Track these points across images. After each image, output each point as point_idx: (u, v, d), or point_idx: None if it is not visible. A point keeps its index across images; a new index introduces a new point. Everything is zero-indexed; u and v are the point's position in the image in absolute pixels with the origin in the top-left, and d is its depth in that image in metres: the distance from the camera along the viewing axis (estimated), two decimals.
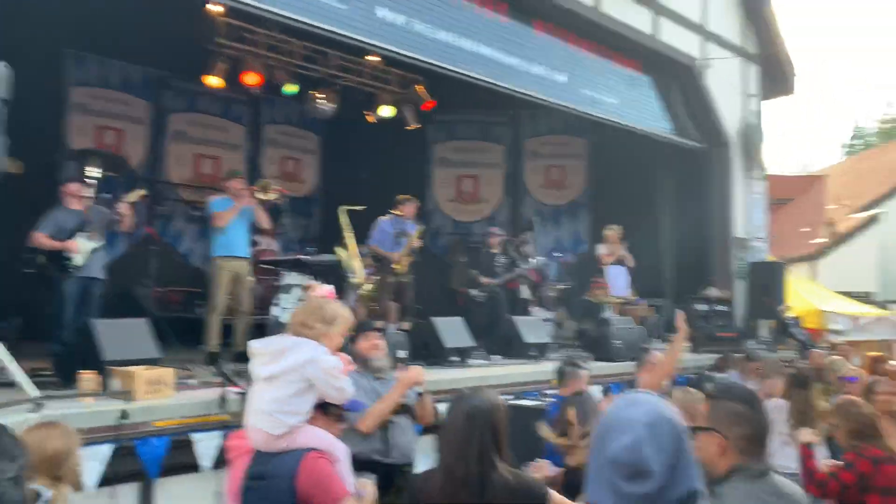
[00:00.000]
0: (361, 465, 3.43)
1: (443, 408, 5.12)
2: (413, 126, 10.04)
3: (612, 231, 9.16)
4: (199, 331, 6.25)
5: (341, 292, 6.31)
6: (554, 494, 2.20)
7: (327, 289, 4.61)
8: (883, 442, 3.41)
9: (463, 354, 6.61)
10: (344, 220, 6.55)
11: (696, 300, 9.37)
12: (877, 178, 19.86)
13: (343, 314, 2.57)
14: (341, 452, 2.32)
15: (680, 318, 4.04)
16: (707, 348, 8.42)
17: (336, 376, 2.38)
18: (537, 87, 8.15)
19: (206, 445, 4.00)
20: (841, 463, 3.52)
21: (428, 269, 10.01)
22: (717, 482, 1.97)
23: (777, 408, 5.34)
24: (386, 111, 9.85)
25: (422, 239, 7.07)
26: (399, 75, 9.65)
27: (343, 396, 2.43)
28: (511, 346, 7.49)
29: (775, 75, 11.99)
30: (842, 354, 7.93)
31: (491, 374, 6.17)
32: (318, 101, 9.34)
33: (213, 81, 8.52)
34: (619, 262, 9.04)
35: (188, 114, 10.36)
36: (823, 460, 3.90)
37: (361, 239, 6.91)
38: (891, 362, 8.95)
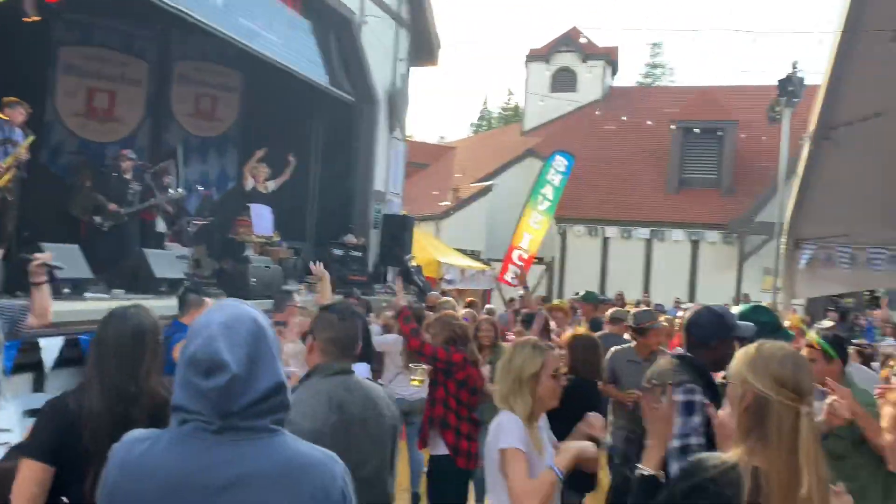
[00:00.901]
0: None
1: (47, 342, 4.57)
2: (32, 19, 8.44)
3: (258, 171, 9.12)
4: None
5: None
6: None
7: None
8: (471, 347, 4.35)
9: (78, 286, 5.93)
10: None
11: (335, 245, 9.84)
12: (494, 155, 23.22)
13: None
14: None
15: (316, 268, 4.45)
16: (340, 291, 8.92)
17: None
18: (189, 3, 7.52)
19: None
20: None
21: (43, 189, 8.68)
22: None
23: (395, 341, 5.97)
24: None
25: (29, 152, 6.00)
26: None
27: None
28: (138, 280, 6.98)
29: (423, 45, 13.03)
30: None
31: (109, 308, 5.62)
32: None
33: None
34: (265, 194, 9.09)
35: None
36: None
37: None
38: (489, 306, 10.70)
